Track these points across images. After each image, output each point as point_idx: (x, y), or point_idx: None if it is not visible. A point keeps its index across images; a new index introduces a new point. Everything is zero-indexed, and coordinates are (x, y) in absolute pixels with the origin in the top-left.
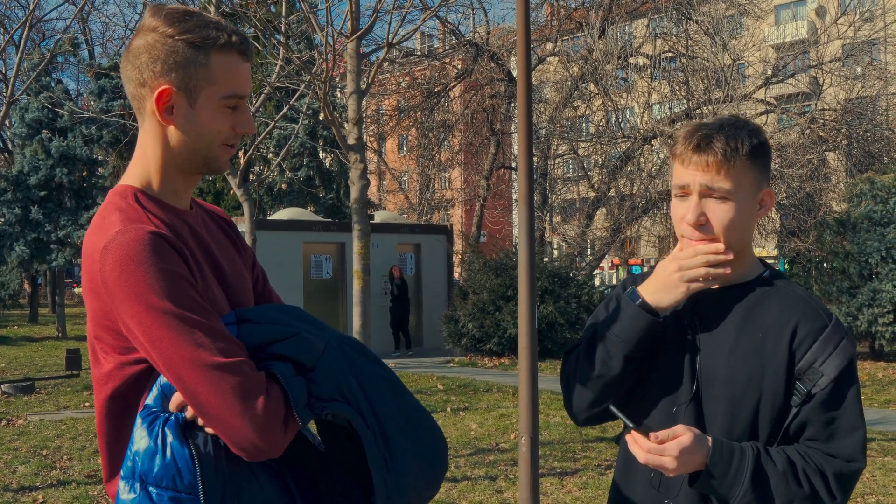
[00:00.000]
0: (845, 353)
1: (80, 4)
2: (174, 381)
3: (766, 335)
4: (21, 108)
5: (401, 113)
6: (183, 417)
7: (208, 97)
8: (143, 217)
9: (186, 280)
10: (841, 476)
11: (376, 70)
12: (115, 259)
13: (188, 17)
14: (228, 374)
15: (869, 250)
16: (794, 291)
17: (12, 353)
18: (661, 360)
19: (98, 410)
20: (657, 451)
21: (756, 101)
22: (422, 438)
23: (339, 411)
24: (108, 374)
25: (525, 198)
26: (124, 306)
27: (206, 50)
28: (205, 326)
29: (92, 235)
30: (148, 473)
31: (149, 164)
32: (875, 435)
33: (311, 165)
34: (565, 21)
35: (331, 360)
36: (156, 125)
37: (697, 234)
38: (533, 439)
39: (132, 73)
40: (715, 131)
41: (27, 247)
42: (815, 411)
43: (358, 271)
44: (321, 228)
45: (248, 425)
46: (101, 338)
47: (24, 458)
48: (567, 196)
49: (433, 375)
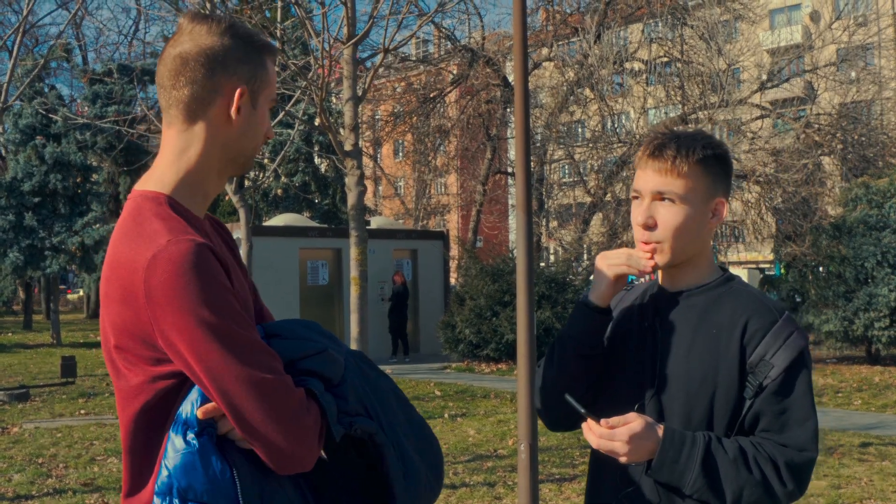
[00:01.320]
0: (795, 346)
1: (74, 10)
2: (217, 396)
3: (719, 332)
4: (15, 114)
5: (396, 118)
6: (215, 431)
7: (265, 99)
8: (188, 227)
9: (231, 292)
10: (792, 465)
11: (373, 76)
12: (166, 270)
13: (243, 23)
14: (273, 390)
15: (865, 254)
16: (747, 291)
17: (6, 361)
18: (627, 360)
19: (125, 424)
20: (608, 437)
21: (751, 105)
22: (426, 449)
23: (366, 426)
24: (139, 388)
25: (523, 204)
26: (170, 319)
27: (266, 54)
28: (251, 342)
29: (130, 242)
30: (188, 490)
31: (187, 166)
32: (872, 439)
33: (306, 171)
34: (561, 26)
35: (352, 375)
36: (213, 127)
37: (646, 236)
38: (532, 446)
39: (200, 74)
40: (670, 140)
41: (21, 253)
42: (766, 402)
43: (355, 278)
44: (317, 234)
45: (291, 441)
46: (126, 347)
47: (19, 467)
48: (563, 201)
49: (430, 381)
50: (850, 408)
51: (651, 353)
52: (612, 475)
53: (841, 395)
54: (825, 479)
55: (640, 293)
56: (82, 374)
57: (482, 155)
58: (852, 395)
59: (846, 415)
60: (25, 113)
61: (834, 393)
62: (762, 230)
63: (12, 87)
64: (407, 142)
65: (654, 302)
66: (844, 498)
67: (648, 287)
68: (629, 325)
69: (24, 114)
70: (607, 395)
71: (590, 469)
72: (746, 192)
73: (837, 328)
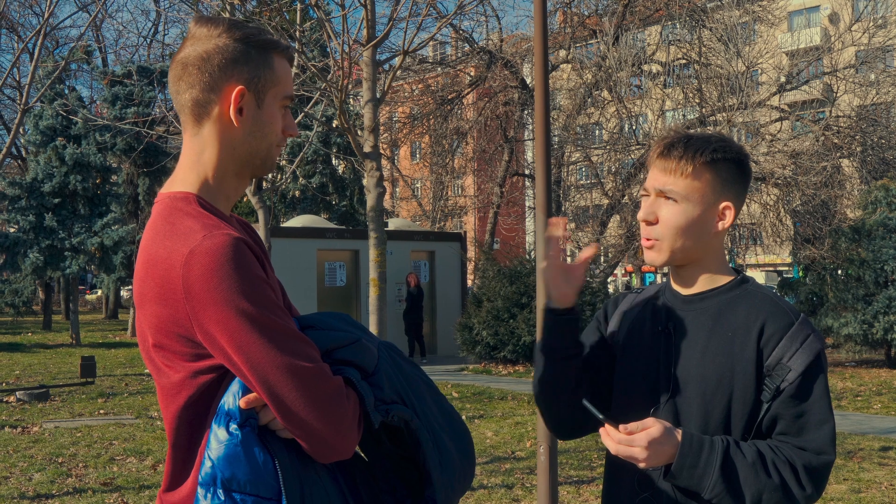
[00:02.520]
0: (812, 349)
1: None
2: (258, 386)
3: (734, 335)
4: (35, 116)
5: (414, 120)
6: (257, 422)
7: (273, 98)
8: (221, 222)
9: (269, 285)
10: (811, 468)
11: (392, 78)
12: (203, 264)
13: (245, 24)
14: (313, 378)
15: (884, 257)
16: (761, 293)
17: (26, 361)
18: (640, 364)
19: (170, 420)
20: (627, 442)
21: (770, 108)
22: (459, 438)
23: (402, 413)
24: (181, 384)
25: (543, 206)
26: (209, 311)
27: (271, 52)
28: (289, 331)
29: (165, 241)
30: (231, 480)
31: (205, 169)
32: (893, 443)
33: (324, 172)
34: (578, 28)
35: (386, 364)
36: (218, 129)
37: (646, 231)
38: (552, 448)
39: (199, 77)
40: (680, 140)
41: (41, 254)
42: (784, 406)
43: (374, 279)
44: (335, 236)
45: (331, 429)
46: (165, 346)
47: (39, 466)
48: (581, 203)
49: (448, 383)
50: (869, 412)
51: (665, 356)
52: (629, 480)
53: (860, 398)
54: (845, 483)
55: (652, 296)
56: (101, 374)
57: (499, 157)
58: (872, 398)
59: (866, 419)
60: (46, 114)
61: (853, 397)
62: (781, 233)
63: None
64: (424, 144)
65: (666, 305)
66: (865, 502)
67: (660, 290)
68: (642, 328)
69: (45, 115)
70: (621, 399)
71: (606, 474)
72: (765, 194)
73: (857, 331)
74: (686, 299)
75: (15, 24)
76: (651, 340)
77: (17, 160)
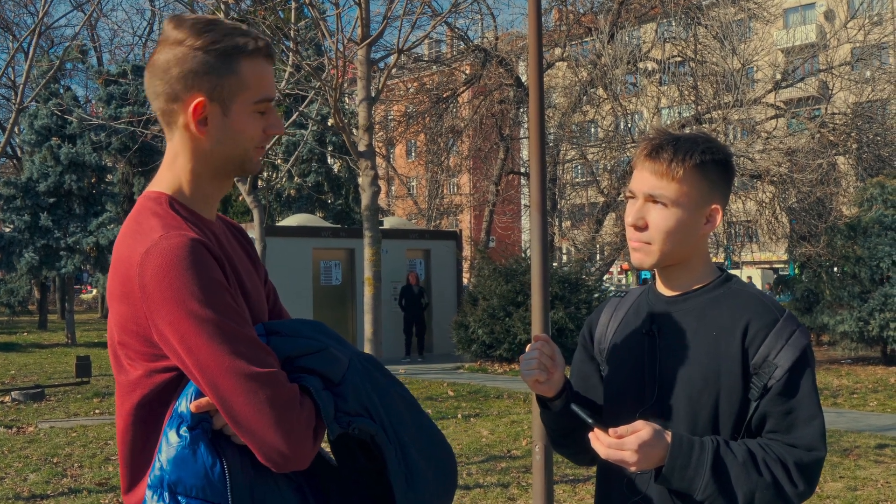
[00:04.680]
0: (798, 345)
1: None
2: (208, 390)
3: (719, 334)
4: (30, 115)
5: (409, 118)
6: (210, 426)
7: (241, 104)
8: (184, 224)
9: (225, 287)
10: (802, 465)
11: (386, 76)
12: (157, 264)
13: (213, 26)
14: (264, 384)
15: (880, 255)
16: (746, 291)
17: (22, 360)
18: (626, 368)
19: (123, 418)
20: (617, 446)
21: (765, 105)
22: (436, 454)
23: (365, 426)
24: (136, 382)
25: (538, 204)
26: (162, 311)
27: (236, 57)
28: (243, 335)
29: (128, 239)
30: (178, 483)
31: (180, 173)
32: (889, 441)
33: (319, 171)
34: (574, 26)
35: (355, 375)
36: (187, 137)
37: (635, 236)
38: (547, 447)
39: (161, 88)
40: (669, 142)
41: (36, 253)
42: (772, 403)
43: (369, 278)
44: (330, 234)
45: (282, 437)
46: (127, 344)
47: (35, 466)
48: (576, 201)
49: (443, 382)
50: (865, 409)
51: (650, 358)
52: (620, 484)
53: (856, 396)
54: (841, 480)
55: (635, 299)
56: (97, 373)
57: (495, 155)
58: (868, 396)
59: (862, 416)
60: (41, 114)
61: (849, 394)
62: (776, 230)
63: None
64: (419, 142)
65: (650, 307)
66: (861, 500)
67: (643, 292)
68: (627, 332)
69: (40, 115)
70: (610, 404)
71: (597, 479)
72: (761, 191)
73: (852, 329)
74: (670, 300)
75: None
76: (637, 343)
77: (12, 160)
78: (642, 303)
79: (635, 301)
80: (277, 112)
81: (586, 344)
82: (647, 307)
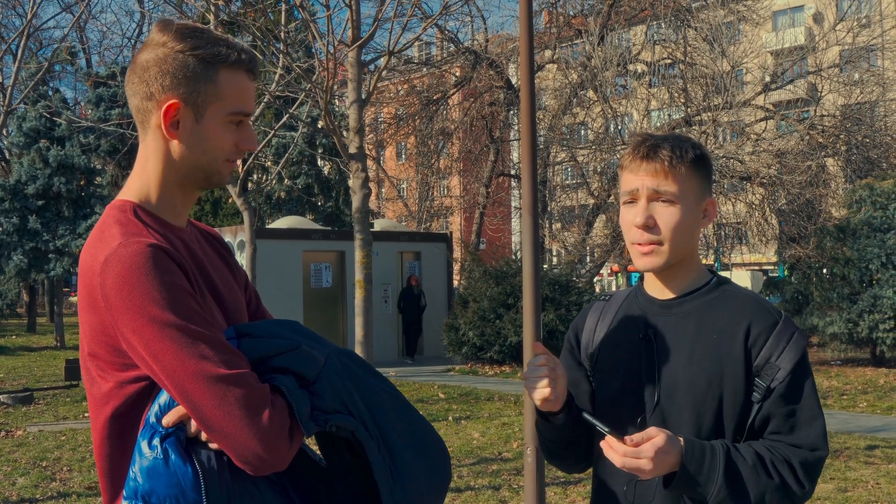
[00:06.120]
0: (798, 346)
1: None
2: (177, 395)
3: (720, 337)
4: (19, 117)
5: (399, 121)
6: (184, 433)
7: (215, 113)
8: (144, 231)
9: (188, 292)
10: (807, 464)
11: (377, 79)
12: (116, 272)
13: (198, 33)
14: (233, 386)
15: (869, 256)
16: (742, 294)
17: (10, 364)
18: (620, 374)
19: (98, 432)
20: (633, 454)
21: (755, 107)
22: (426, 449)
23: (343, 423)
24: (108, 394)
25: (529, 206)
26: (125, 319)
27: (216, 66)
28: (207, 338)
29: (91, 248)
30: (151, 493)
31: (149, 179)
32: (879, 442)
33: (309, 174)
34: (564, 28)
35: (332, 372)
36: (159, 139)
37: (646, 237)
38: (538, 449)
39: (139, 86)
40: (661, 141)
41: (25, 256)
42: (775, 405)
43: (360, 281)
44: (321, 237)
45: (254, 438)
46: (97, 355)
47: (23, 470)
48: (566, 203)
49: (434, 384)
50: (855, 410)
51: (648, 364)
52: (619, 489)
53: (846, 397)
54: (832, 482)
55: (622, 302)
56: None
57: (485, 157)
58: (857, 397)
59: (852, 417)
60: (29, 116)
61: (839, 395)
62: (766, 232)
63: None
64: (410, 144)
65: (643, 312)
66: (851, 501)
67: (629, 294)
68: (617, 337)
69: (28, 117)
70: (606, 411)
71: (594, 486)
72: (750, 193)
73: (842, 330)
74: (664, 304)
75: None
76: (630, 349)
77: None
78: (632, 306)
79: (623, 304)
80: (252, 128)
81: (573, 349)
82: (638, 311)
